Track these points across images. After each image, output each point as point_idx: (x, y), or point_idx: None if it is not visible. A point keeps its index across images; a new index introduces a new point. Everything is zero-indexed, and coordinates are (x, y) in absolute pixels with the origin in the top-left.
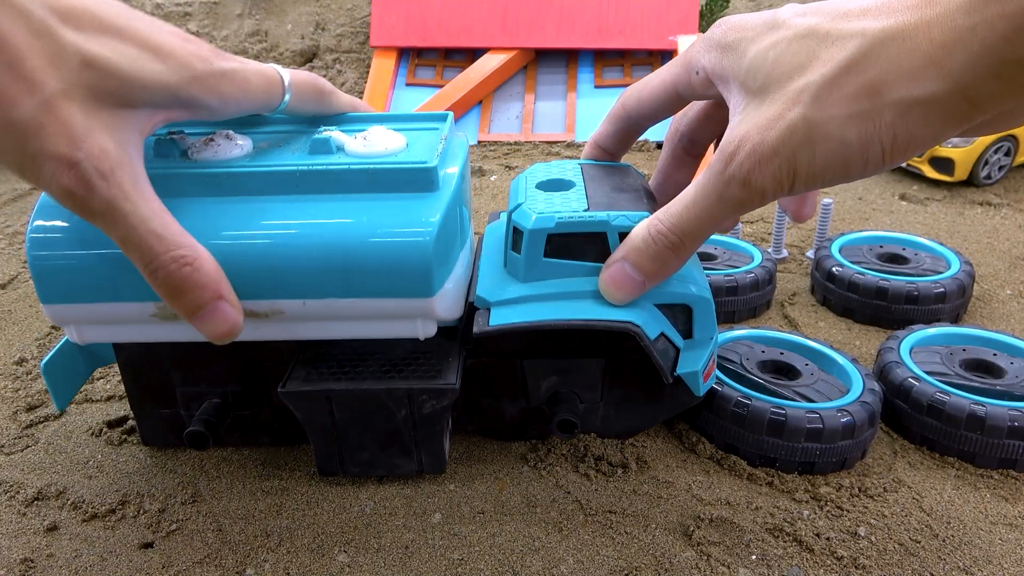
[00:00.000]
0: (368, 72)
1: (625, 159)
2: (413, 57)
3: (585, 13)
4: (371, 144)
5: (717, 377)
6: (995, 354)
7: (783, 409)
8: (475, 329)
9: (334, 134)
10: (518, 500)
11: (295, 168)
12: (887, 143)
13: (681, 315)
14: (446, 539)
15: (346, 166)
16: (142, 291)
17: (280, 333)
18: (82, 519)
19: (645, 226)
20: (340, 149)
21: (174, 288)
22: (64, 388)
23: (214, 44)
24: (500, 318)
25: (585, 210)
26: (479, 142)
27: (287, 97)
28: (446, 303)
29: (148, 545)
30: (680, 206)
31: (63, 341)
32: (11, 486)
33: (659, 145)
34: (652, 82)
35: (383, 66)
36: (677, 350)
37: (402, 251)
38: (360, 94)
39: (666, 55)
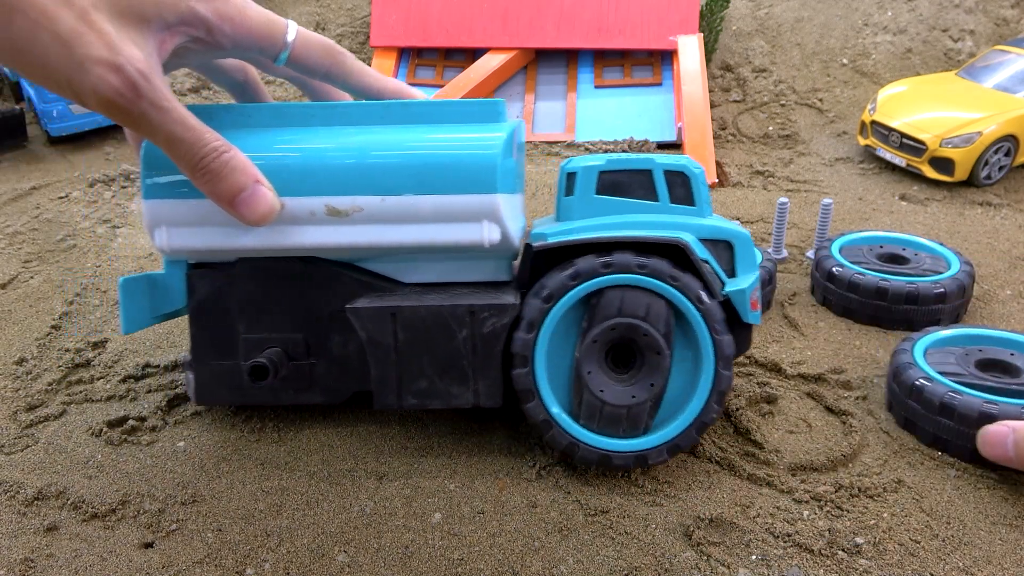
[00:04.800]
0: None
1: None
2: (413, 57)
3: (585, 13)
4: None
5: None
6: (1012, 354)
7: None
8: (534, 246)
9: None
10: (518, 500)
11: (382, 103)
12: None
13: (724, 254)
14: (446, 539)
15: (425, 102)
16: None
17: (357, 236)
18: (82, 519)
19: None
20: None
21: (217, 174)
22: (132, 314)
23: None
24: (556, 238)
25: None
26: None
27: (290, 39)
28: (509, 211)
29: (148, 545)
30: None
31: (144, 273)
32: (11, 486)
33: (659, 145)
34: None
35: (383, 66)
36: (722, 282)
37: (473, 151)
38: None
39: (666, 55)
